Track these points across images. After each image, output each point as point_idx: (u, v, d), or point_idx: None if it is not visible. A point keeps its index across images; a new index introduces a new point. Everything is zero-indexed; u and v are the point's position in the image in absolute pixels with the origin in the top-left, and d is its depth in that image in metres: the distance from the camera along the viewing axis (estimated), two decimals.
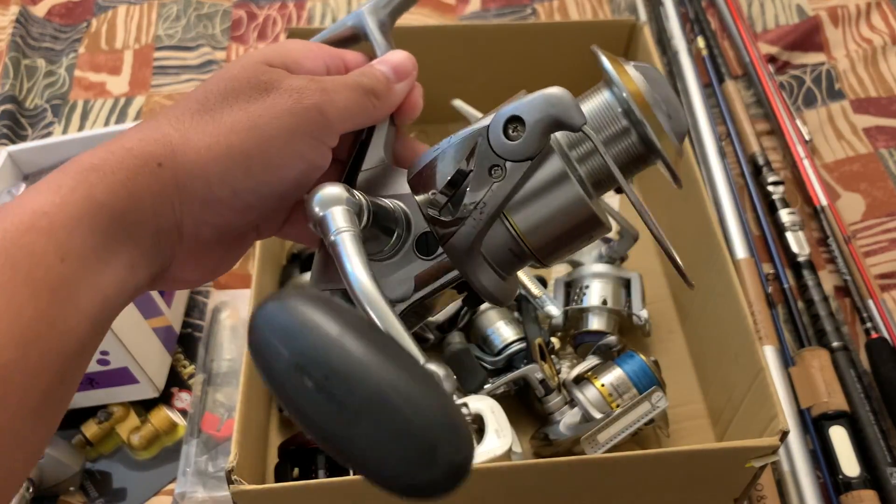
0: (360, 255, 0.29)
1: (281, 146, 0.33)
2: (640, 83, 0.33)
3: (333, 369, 0.23)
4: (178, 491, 0.66)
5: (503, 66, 0.87)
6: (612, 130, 0.34)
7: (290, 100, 0.33)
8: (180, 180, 0.31)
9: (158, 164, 0.31)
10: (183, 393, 0.74)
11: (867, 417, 0.67)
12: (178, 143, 0.31)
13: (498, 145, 0.32)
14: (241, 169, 0.32)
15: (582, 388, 0.65)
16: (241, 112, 0.32)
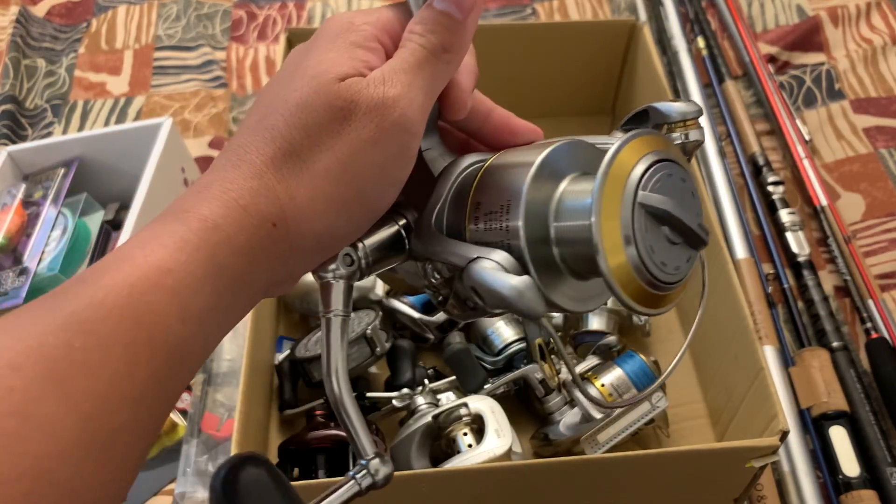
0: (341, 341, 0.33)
1: (375, 183, 0.32)
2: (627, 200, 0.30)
3: None
4: (179, 491, 0.67)
5: (503, 66, 0.87)
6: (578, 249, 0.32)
7: (372, 125, 0.31)
8: (293, 240, 0.31)
9: (273, 225, 0.31)
10: (183, 393, 0.74)
11: (867, 417, 0.67)
12: (285, 200, 0.31)
13: (467, 294, 0.33)
14: (343, 219, 0.32)
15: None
16: (330, 154, 0.31)
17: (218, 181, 0.31)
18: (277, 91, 0.33)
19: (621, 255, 0.30)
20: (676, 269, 0.32)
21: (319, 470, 0.63)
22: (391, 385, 0.69)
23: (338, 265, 0.34)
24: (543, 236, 0.32)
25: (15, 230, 0.80)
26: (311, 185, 0.31)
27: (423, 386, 0.66)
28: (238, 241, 0.30)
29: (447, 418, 0.62)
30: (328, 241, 0.33)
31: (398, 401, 0.66)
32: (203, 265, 0.28)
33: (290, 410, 0.69)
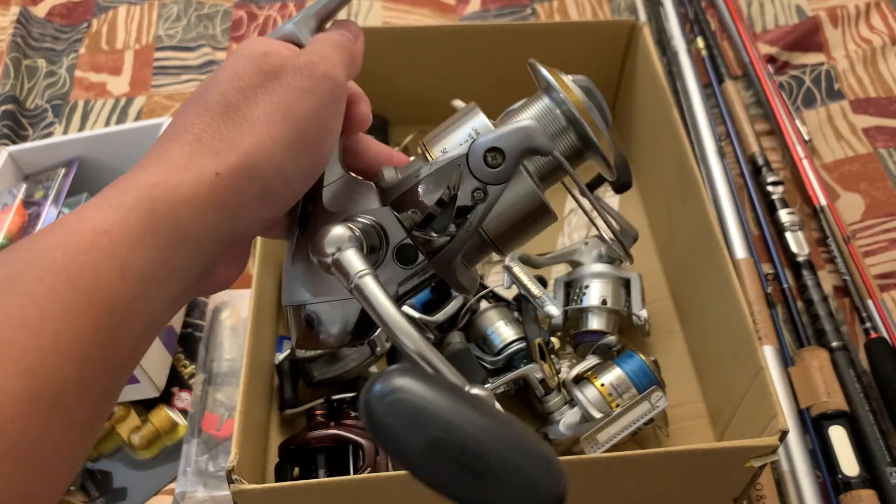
0: (384, 294, 0.33)
1: (314, 125, 0.34)
2: (575, 90, 0.38)
3: (464, 446, 0.26)
4: (179, 490, 0.67)
5: (503, 66, 0.87)
6: (553, 129, 0.38)
7: (303, 76, 0.34)
8: (239, 185, 0.32)
9: (216, 174, 0.31)
10: (183, 392, 0.74)
11: (866, 417, 0.68)
12: (224, 149, 0.32)
13: (479, 172, 0.36)
14: (289, 158, 0.33)
15: (582, 388, 0.65)
16: (267, 103, 0.33)
17: (155, 154, 0.32)
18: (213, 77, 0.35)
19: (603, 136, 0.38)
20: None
21: (320, 469, 0.63)
22: None
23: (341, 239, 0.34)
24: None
25: (16, 230, 0.81)
26: (252, 131, 0.32)
27: None
28: (178, 194, 0.30)
29: None
30: (277, 184, 0.33)
31: None
32: (141, 221, 0.29)
33: (290, 410, 0.69)
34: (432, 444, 0.26)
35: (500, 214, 0.37)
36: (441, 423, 0.26)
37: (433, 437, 0.26)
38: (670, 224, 0.80)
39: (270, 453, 0.67)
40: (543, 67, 0.39)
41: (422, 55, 0.85)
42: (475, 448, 0.26)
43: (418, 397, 0.27)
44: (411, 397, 0.27)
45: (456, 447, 0.26)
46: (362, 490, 0.55)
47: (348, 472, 0.62)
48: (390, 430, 0.27)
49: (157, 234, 0.29)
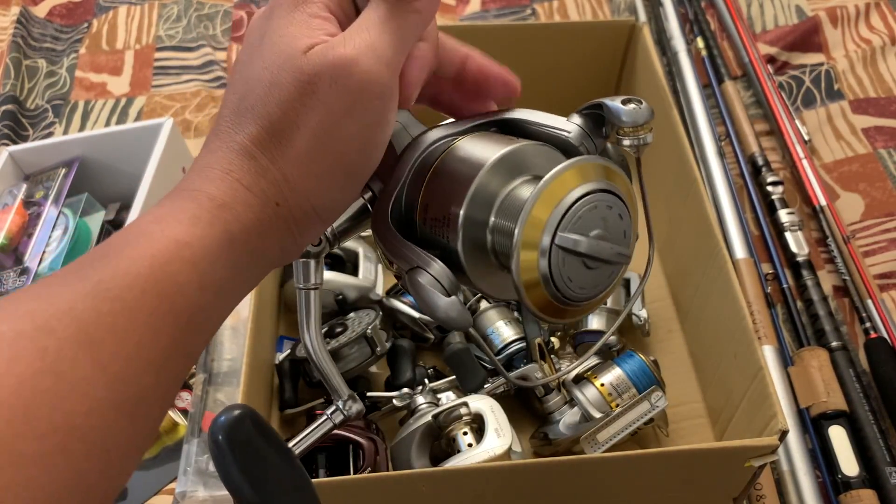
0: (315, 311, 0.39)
1: (356, 152, 0.33)
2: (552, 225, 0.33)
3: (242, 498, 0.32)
4: (179, 490, 0.67)
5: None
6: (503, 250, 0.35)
7: (339, 93, 0.31)
8: (296, 215, 0.33)
9: (277, 204, 0.32)
10: (184, 392, 0.74)
11: (866, 417, 0.68)
12: (281, 181, 0.32)
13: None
14: (335, 190, 0.34)
15: (581, 388, 0.65)
16: (307, 132, 0.32)
17: (217, 162, 0.32)
18: (251, 68, 0.33)
19: (541, 291, 0.33)
20: (596, 286, 0.35)
21: (320, 469, 0.63)
22: (391, 385, 0.69)
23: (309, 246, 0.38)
24: (483, 220, 0.34)
25: (16, 230, 0.81)
26: (298, 165, 0.32)
27: (423, 385, 0.67)
28: (247, 218, 0.31)
29: (447, 418, 0.62)
30: (327, 212, 0.34)
31: (398, 400, 0.66)
32: (217, 239, 0.30)
33: (290, 410, 0.69)
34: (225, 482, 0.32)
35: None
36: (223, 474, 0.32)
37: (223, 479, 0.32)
38: (670, 224, 0.80)
39: None
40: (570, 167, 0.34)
41: None
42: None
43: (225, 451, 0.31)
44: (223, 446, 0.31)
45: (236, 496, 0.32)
46: (362, 490, 0.55)
47: (348, 472, 0.62)
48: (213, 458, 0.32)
49: (232, 252, 0.31)
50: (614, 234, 0.34)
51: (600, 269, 0.34)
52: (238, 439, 0.31)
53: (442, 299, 0.33)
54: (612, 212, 0.34)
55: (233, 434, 0.31)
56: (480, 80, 0.38)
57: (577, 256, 0.33)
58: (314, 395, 0.69)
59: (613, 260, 0.34)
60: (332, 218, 0.35)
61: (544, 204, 0.32)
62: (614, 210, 0.34)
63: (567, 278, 0.33)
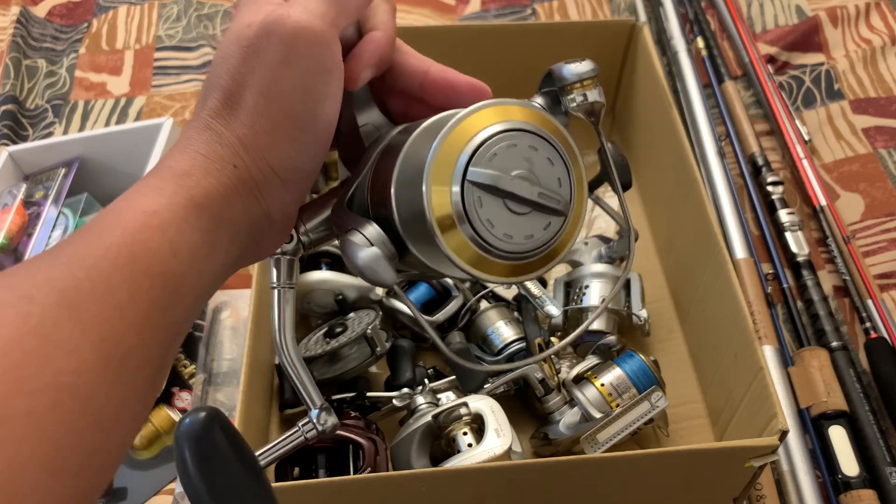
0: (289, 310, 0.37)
1: (299, 102, 0.34)
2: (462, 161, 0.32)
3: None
4: (179, 490, 0.67)
5: (503, 67, 0.87)
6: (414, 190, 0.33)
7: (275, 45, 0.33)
8: (255, 176, 0.34)
9: (234, 166, 0.33)
10: (184, 392, 0.74)
11: (866, 417, 0.68)
12: (236, 142, 0.34)
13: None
14: (288, 147, 0.34)
15: (582, 388, 0.65)
16: (253, 90, 0.34)
17: (181, 140, 0.34)
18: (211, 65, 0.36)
19: (458, 233, 0.31)
20: (529, 237, 0.32)
21: (320, 469, 0.63)
22: (391, 385, 0.69)
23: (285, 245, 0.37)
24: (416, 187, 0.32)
25: (16, 230, 0.81)
26: (248, 124, 0.34)
27: (423, 385, 0.67)
28: (208, 183, 0.32)
29: (447, 418, 0.62)
30: (287, 173, 0.35)
31: (398, 400, 0.66)
32: (182, 206, 0.31)
33: (290, 410, 0.69)
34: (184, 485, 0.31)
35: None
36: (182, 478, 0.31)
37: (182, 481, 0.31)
38: (670, 224, 0.80)
39: None
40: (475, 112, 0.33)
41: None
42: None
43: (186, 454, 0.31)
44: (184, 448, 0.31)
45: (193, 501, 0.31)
46: (362, 490, 0.55)
47: (348, 472, 0.62)
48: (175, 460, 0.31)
49: (199, 217, 0.32)
50: (543, 179, 0.32)
51: (530, 217, 0.32)
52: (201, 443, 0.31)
53: (364, 250, 0.32)
54: (538, 154, 0.32)
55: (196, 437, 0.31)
56: (447, 89, 0.38)
57: (494, 195, 0.31)
58: None
59: (540, 202, 0.32)
60: (295, 180, 0.35)
61: (457, 140, 0.31)
62: (541, 152, 0.32)
63: (487, 220, 0.31)
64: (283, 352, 0.37)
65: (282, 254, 0.37)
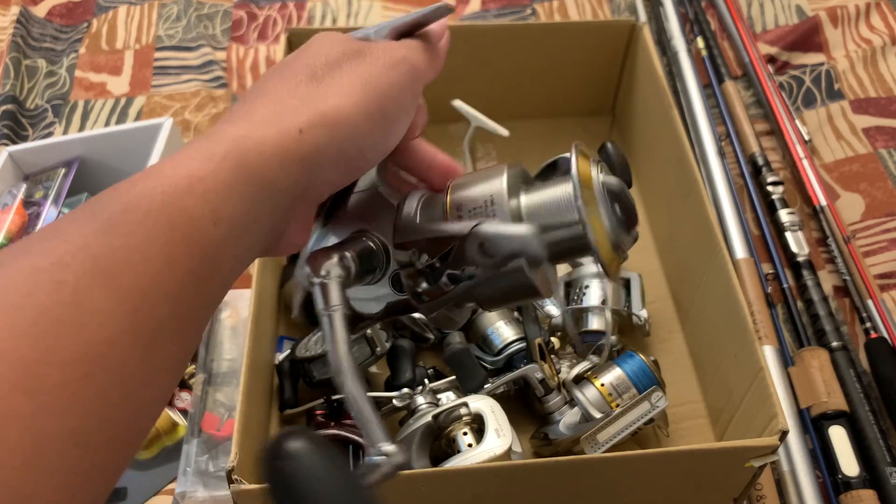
0: (344, 334, 0.34)
1: (391, 100, 0.36)
2: (597, 192, 0.38)
3: None
4: (179, 490, 0.67)
5: (503, 66, 0.87)
6: (565, 219, 0.38)
7: (385, 56, 0.36)
8: (319, 143, 0.33)
9: (300, 131, 0.33)
10: (183, 392, 0.74)
11: (866, 417, 0.68)
12: (307, 109, 0.33)
13: (472, 255, 0.37)
14: (366, 124, 0.35)
15: (582, 388, 0.65)
16: (350, 74, 0.35)
17: (240, 111, 0.34)
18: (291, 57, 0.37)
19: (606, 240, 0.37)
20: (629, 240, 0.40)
21: None
22: (391, 385, 0.69)
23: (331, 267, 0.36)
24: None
25: (16, 230, 0.81)
26: (336, 95, 0.34)
27: (423, 386, 0.67)
28: (267, 147, 0.32)
29: (447, 418, 0.62)
30: (351, 148, 0.35)
31: (398, 400, 0.66)
32: (231, 172, 0.30)
33: (290, 410, 0.69)
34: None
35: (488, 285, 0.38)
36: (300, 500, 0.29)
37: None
38: (670, 224, 0.80)
39: None
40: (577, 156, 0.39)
41: None
42: None
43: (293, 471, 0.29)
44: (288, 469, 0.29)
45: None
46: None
47: None
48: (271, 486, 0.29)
49: (247, 184, 0.31)
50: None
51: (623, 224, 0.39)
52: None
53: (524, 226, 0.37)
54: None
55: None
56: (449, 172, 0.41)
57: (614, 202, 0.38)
58: (314, 396, 0.69)
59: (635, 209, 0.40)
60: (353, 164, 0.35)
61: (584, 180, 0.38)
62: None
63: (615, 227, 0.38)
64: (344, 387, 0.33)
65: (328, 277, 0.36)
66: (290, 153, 0.32)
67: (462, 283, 0.38)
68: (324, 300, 0.35)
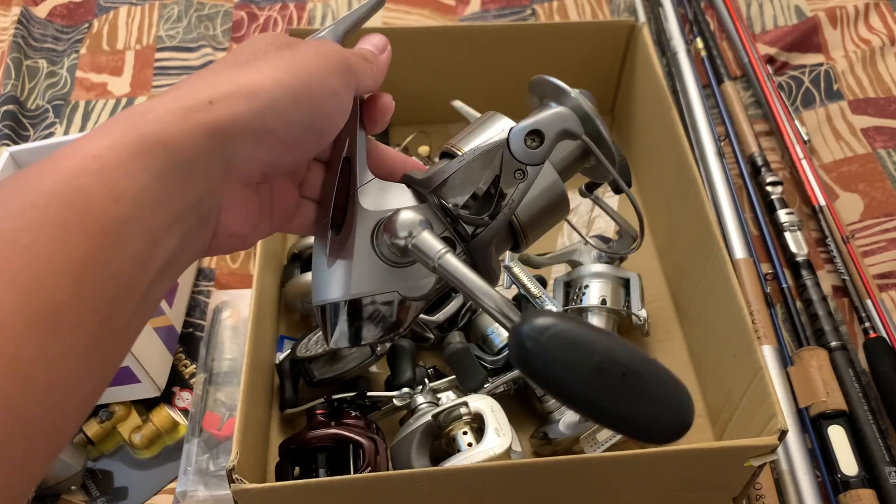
0: (467, 268, 0.36)
1: (318, 80, 0.35)
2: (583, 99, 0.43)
3: (626, 367, 0.31)
4: (180, 490, 0.67)
5: (503, 67, 0.87)
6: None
7: (314, 47, 0.37)
8: (235, 114, 0.32)
9: (210, 102, 0.32)
10: (184, 392, 0.74)
11: (865, 417, 0.68)
12: (225, 84, 0.33)
13: (520, 153, 0.39)
14: (289, 98, 0.34)
15: None
16: (276, 58, 0.35)
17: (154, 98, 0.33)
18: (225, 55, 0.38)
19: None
20: None
21: (320, 469, 0.64)
22: (391, 384, 0.69)
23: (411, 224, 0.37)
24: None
25: None
26: (256, 72, 0.34)
27: (423, 385, 0.67)
28: (170, 117, 0.30)
29: (447, 417, 0.62)
30: (274, 120, 0.33)
31: (398, 400, 0.66)
32: (132, 145, 0.29)
33: (290, 409, 0.69)
34: (599, 367, 0.30)
35: (530, 203, 0.40)
36: (603, 349, 0.31)
37: (599, 360, 0.30)
38: (669, 224, 0.80)
39: (271, 453, 0.68)
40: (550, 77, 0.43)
41: (422, 56, 0.86)
42: (635, 369, 0.31)
43: (575, 329, 0.31)
44: (570, 329, 0.31)
45: (619, 368, 0.30)
46: (362, 490, 0.55)
47: (348, 472, 0.62)
48: (554, 361, 0.30)
49: (148, 156, 0.29)
50: None
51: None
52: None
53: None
54: None
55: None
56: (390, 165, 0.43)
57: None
58: (314, 395, 0.69)
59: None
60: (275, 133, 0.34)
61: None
62: None
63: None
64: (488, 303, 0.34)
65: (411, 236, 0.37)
66: (199, 123, 0.31)
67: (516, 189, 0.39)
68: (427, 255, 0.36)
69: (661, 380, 0.31)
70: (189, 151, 0.30)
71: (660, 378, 0.31)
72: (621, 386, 0.30)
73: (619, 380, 0.30)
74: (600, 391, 0.30)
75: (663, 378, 0.31)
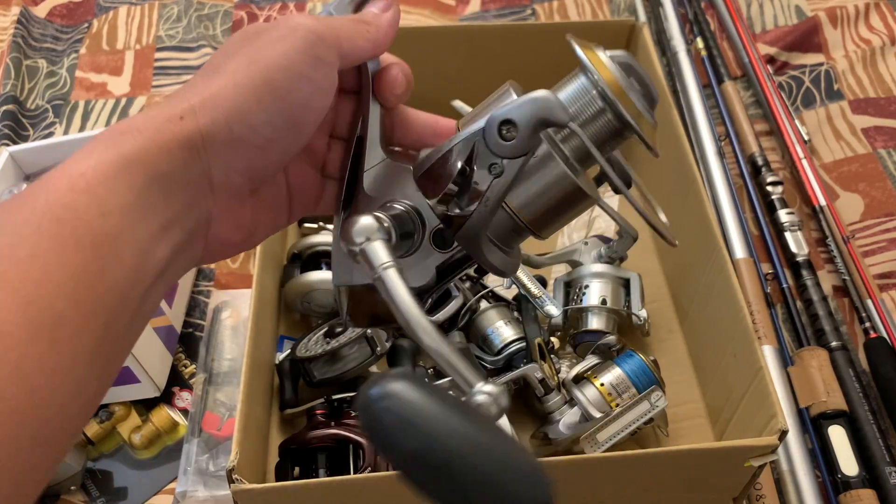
0: (405, 288, 0.32)
1: (280, 70, 0.34)
2: (611, 68, 0.38)
3: (447, 457, 0.27)
4: (179, 490, 0.67)
5: (503, 67, 0.87)
6: (591, 111, 0.38)
7: (277, 29, 0.35)
8: (202, 127, 0.33)
9: (180, 118, 0.33)
10: (184, 392, 0.74)
11: (866, 417, 0.68)
12: (194, 97, 0.33)
13: (494, 146, 0.35)
14: (252, 101, 0.34)
15: (581, 388, 0.65)
16: (241, 56, 0.35)
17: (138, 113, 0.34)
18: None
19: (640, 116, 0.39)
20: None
21: (320, 469, 0.63)
22: None
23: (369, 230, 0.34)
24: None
25: None
26: (220, 79, 0.34)
27: None
28: (145, 135, 0.32)
29: None
30: (241, 128, 0.34)
31: None
32: (112, 163, 0.30)
33: (290, 410, 0.69)
34: (415, 453, 0.27)
35: (531, 197, 0.37)
36: (424, 435, 0.27)
37: (415, 447, 0.27)
38: (670, 224, 0.80)
39: (271, 453, 0.68)
40: (578, 45, 0.39)
41: (422, 55, 0.85)
42: (457, 460, 0.27)
43: (407, 406, 0.28)
44: (399, 405, 0.28)
45: (438, 458, 0.27)
46: (362, 490, 0.55)
47: (348, 472, 0.62)
48: (380, 433, 0.28)
49: (130, 173, 0.31)
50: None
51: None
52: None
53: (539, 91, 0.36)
54: None
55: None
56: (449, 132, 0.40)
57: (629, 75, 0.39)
58: (314, 395, 0.69)
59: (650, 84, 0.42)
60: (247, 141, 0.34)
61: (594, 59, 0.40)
62: None
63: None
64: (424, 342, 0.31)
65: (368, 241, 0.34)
66: (172, 139, 0.32)
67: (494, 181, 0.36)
68: (370, 266, 0.33)
69: (492, 475, 0.27)
70: (166, 165, 0.32)
71: (489, 473, 0.27)
72: (438, 476, 0.27)
73: (435, 469, 0.27)
74: (415, 477, 0.28)
75: (494, 473, 0.27)
